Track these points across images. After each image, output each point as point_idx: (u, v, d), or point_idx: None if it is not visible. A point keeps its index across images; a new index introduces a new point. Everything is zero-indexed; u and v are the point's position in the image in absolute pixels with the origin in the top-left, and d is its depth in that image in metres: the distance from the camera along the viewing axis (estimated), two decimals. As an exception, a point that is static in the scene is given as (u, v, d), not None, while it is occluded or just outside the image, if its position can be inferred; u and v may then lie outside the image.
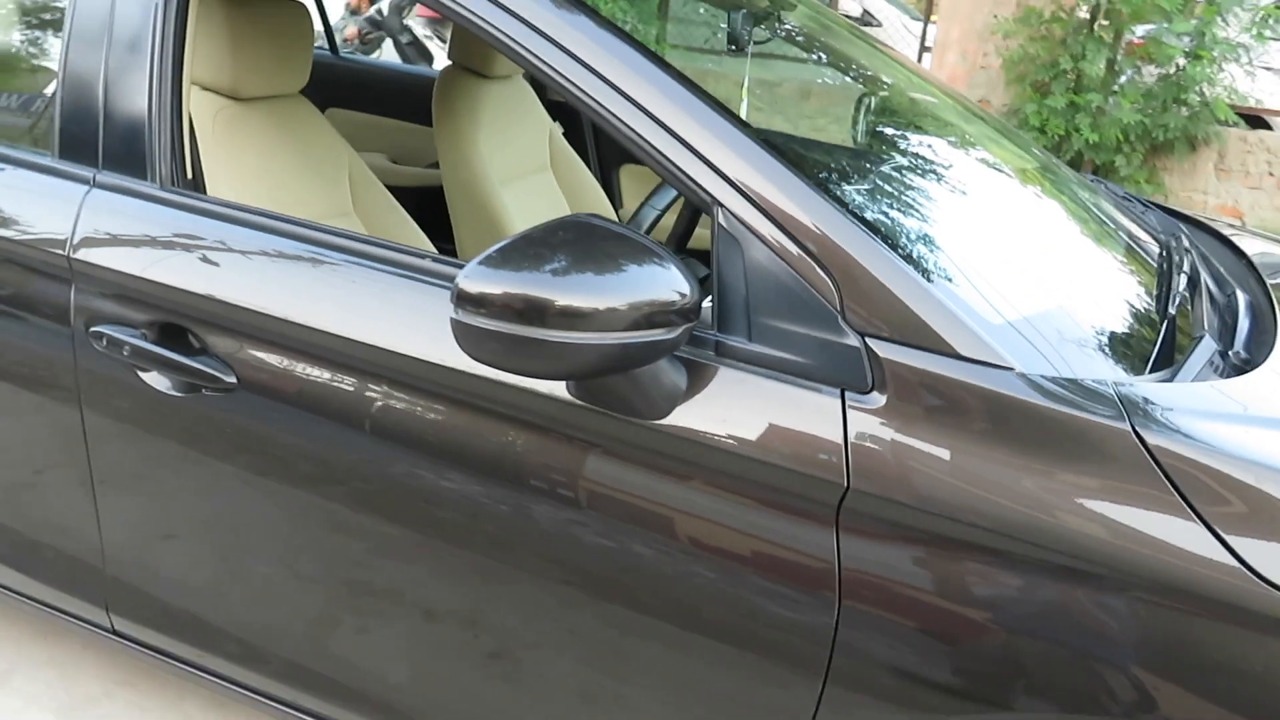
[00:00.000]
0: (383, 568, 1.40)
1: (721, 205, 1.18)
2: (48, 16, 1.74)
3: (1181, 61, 5.68)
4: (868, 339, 1.12)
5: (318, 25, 2.32)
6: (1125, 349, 1.31)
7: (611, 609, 1.27)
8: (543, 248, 1.08)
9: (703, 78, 1.42)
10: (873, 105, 1.91)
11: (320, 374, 1.35)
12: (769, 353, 1.16)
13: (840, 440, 1.12)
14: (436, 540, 1.35)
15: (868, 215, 1.26)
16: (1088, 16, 5.87)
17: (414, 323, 1.29)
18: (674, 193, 1.64)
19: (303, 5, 1.94)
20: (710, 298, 1.19)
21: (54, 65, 1.65)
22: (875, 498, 1.10)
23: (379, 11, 6.56)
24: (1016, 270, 1.43)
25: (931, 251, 1.30)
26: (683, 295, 1.09)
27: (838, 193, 1.30)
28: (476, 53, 2.36)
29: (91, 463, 1.55)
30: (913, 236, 1.28)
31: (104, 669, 2.07)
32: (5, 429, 1.64)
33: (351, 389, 1.34)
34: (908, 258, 1.19)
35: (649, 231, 1.77)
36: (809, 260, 1.14)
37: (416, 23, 6.65)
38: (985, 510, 1.07)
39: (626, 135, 1.23)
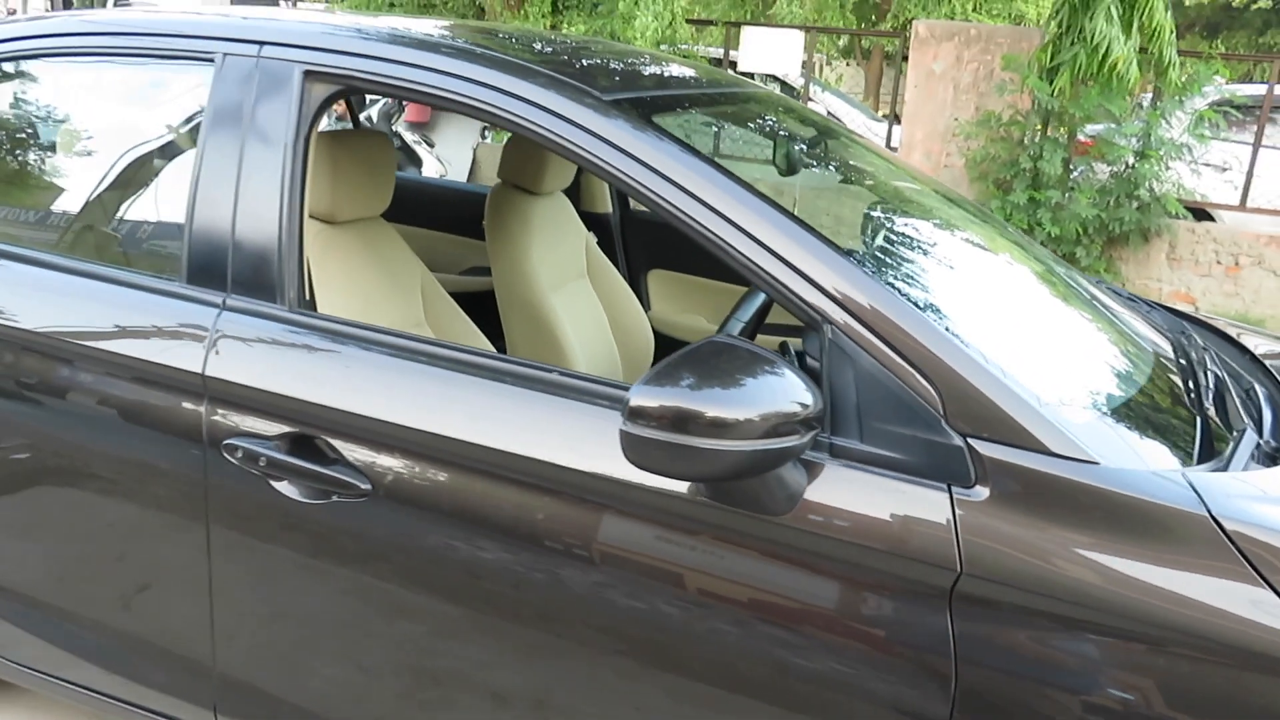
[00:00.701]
0: (514, 668, 1.50)
1: (831, 323, 1.34)
2: (169, 155, 1.88)
3: (1131, 160, 6.08)
4: (969, 439, 1.28)
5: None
6: (1176, 440, 1.48)
7: (738, 693, 1.38)
8: (691, 367, 1.24)
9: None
10: (936, 222, 2.09)
11: (453, 479, 1.47)
12: (879, 452, 1.31)
13: (950, 530, 1.26)
14: (569, 640, 1.46)
15: (958, 326, 1.42)
16: (1041, 120, 6.28)
17: (546, 430, 1.42)
18: (756, 306, 1.80)
19: (385, 136, 2.11)
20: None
21: (168, 198, 1.80)
22: (986, 582, 1.25)
23: (368, 119, 6.79)
24: (1082, 371, 1.61)
25: (1016, 355, 1.46)
26: (805, 406, 1.25)
27: (929, 305, 1.46)
28: (526, 172, 2.54)
29: (212, 568, 1.64)
30: (998, 342, 1.45)
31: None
32: (127, 537, 1.72)
33: (484, 493, 1.46)
34: (996, 362, 1.35)
35: None
36: (914, 371, 1.30)
37: (404, 128, 6.89)
38: (1085, 591, 1.21)
39: (736, 259, 1.39)
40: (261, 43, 1.70)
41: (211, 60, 1.72)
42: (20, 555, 1.85)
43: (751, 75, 9.01)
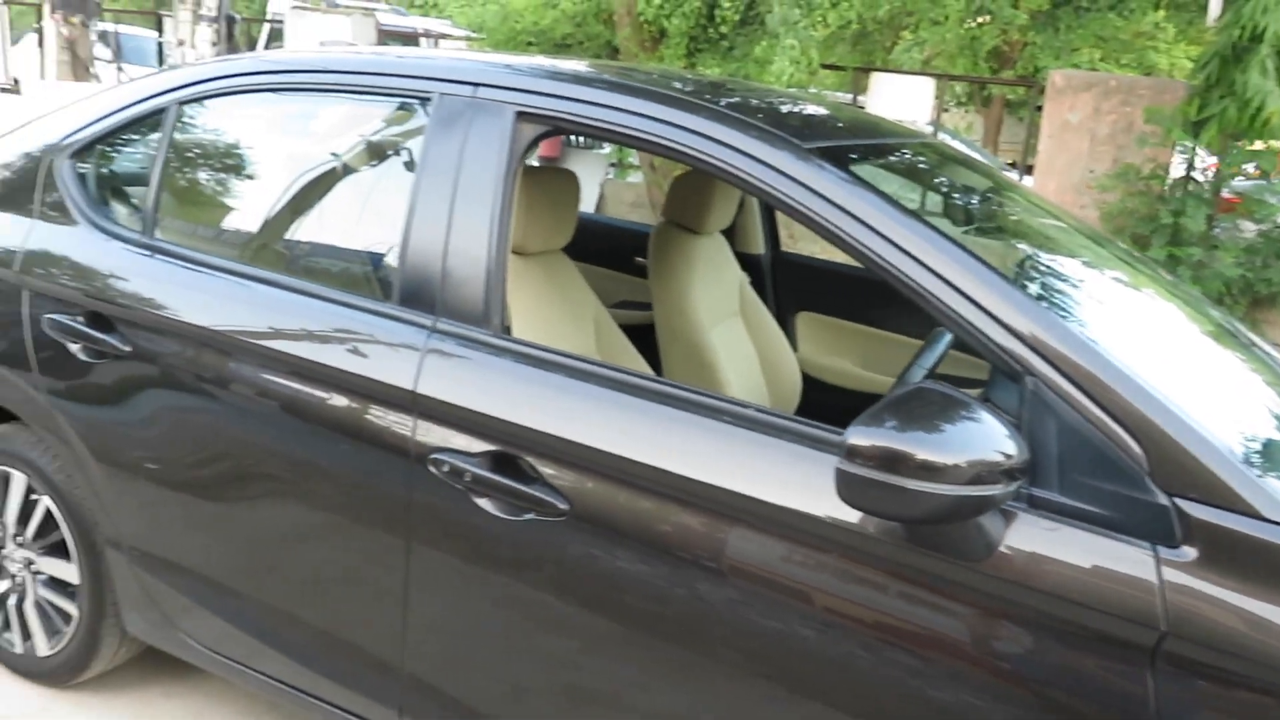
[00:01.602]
0: (701, 698, 1.55)
1: (1033, 374, 1.37)
2: (385, 185, 2.02)
3: (1281, 219, 5.88)
4: (1175, 498, 1.29)
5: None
6: None
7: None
8: (902, 411, 1.28)
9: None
10: (1118, 275, 2.10)
11: (650, 506, 1.54)
12: (1080, 506, 1.33)
13: (1156, 589, 1.27)
14: (760, 676, 1.50)
15: (1157, 382, 1.43)
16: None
17: (747, 465, 1.48)
18: (938, 353, 1.84)
19: (572, 173, 2.22)
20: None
21: (383, 225, 1.94)
22: (1192, 644, 1.25)
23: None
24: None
25: (1214, 414, 1.46)
26: (1008, 456, 1.28)
27: (1123, 359, 1.48)
28: (690, 212, 2.62)
29: (409, 574, 1.74)
30: (1196, 399, 1.45)
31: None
32: (329, 538, 1.84)
33: (680, 522, 1.52)
34: (1199, 420, 1.35)
35: None
36: (1118, 427, 1.32)
37: (534, 162, 7.11)
38: None
39: (937, 307, 1.43)
40: (476, 84, 1.82)
41: (429, 99, 1.85)
42: (225, 548, 1.99)
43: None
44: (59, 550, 2.25)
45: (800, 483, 1.44)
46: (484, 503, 1.64)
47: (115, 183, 2.31)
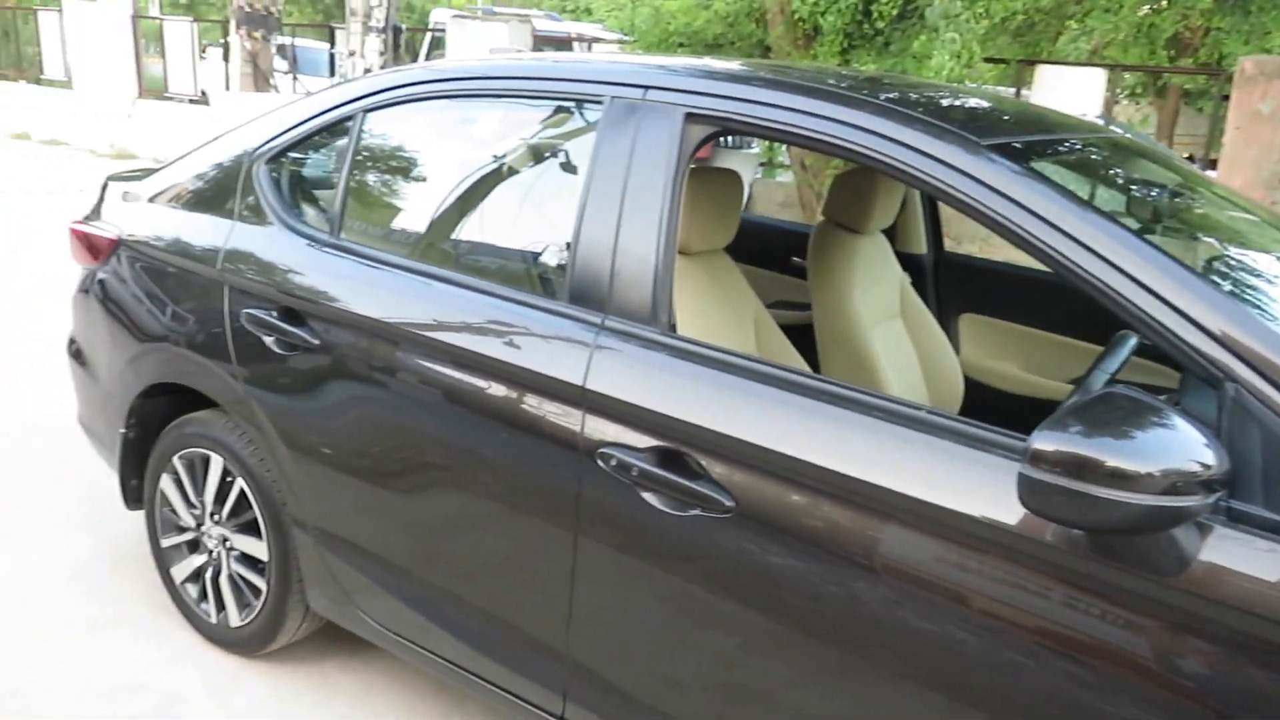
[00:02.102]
0: (865, 698, 1.54)
1: (1234, 380, 1.29)
2: (555, 186, 2.09)
3: None
4: (1401, 516, 1.19)
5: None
6: None
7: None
8: (1090, 416, 1.23)
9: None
10: None
11: (820, 507, 1.53)
12: (1286, 521, 1.25)
13: (1374, 611, 1.18)
14: (921, 682, 1.48)
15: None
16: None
17: (922, 469, 1.45)
18: (1123, 356, 1.76)
19: (736, 173, 2.23)
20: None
21: (551, 224, 1.99)
22: None
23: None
24: None
25: None
26: (1206, 466, 1.21)
27: None
28: (852, 212, 2.59)
29: (576, 563, 1.79)
30: None
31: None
32: (499, 525, 1.91)
33: (846, 522, 1.51)
34: None
35: None
36: None
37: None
38: None
39: (1129, 310, 1.37)
40: (646, 86, 1.86)
41: (600, 103, 1.90)
42: (400, 531, 2.10)
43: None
44: (251, 529, 2.42)
45: (971, 486, 1.40)
46: (650, 497, 1.67)
47: (305, 186, 2.46)
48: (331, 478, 2.18)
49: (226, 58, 12.71)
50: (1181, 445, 1.21)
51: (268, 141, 2.42)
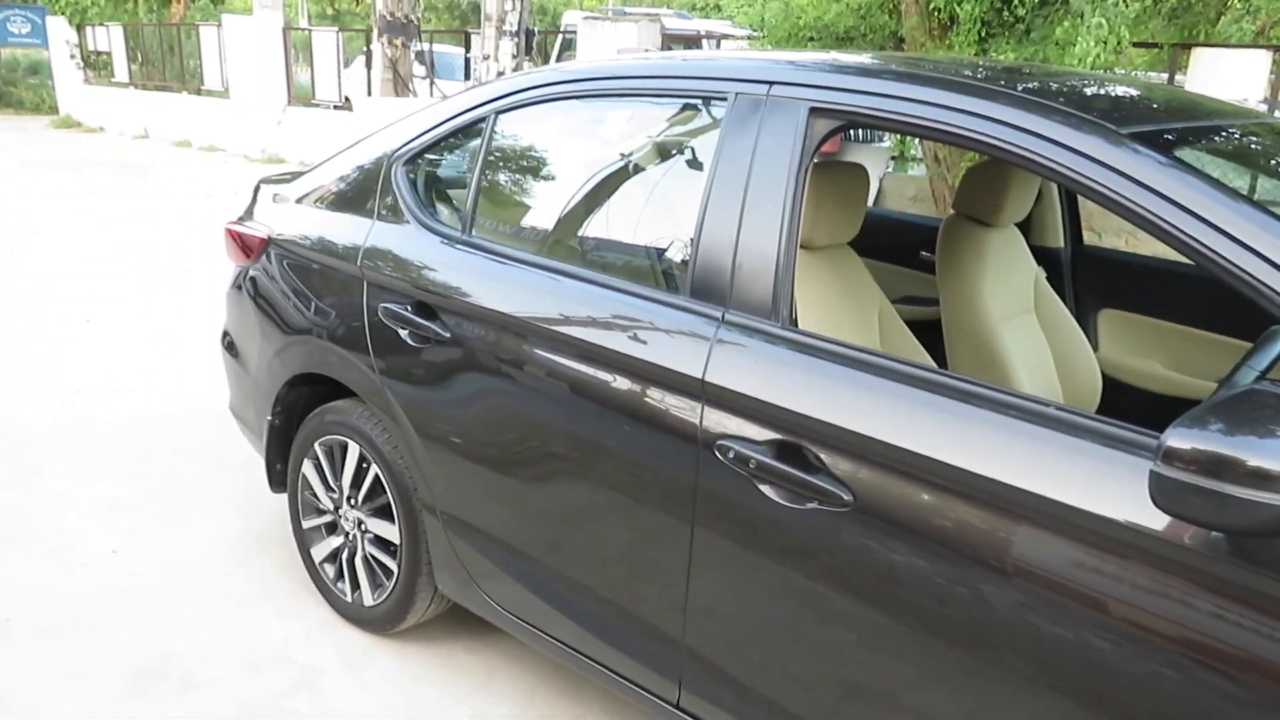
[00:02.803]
0: (988, 700, 1.50)
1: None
2: (683, 182, 2.11)
3: None
4: None
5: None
6: None
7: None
8: (1232, 413, 1.17)
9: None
10: None
11: (939, 503, 1.50)
12: None
13: None
14: (1048, 686, 1.43)
15: None
16: None
17: (1050, 467, 1.40)
18: (1275, 353, 1.66)
19: (862, 167, 2.20)
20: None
21: (675, 219, 2.01)
22: None
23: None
24: None
25: None
26: None
27: None
28: (983, 205, 2.52)
29: (693, 553, 1.81)
30: None
31: (610, 715, 2.33)
32: (619, 514, 1.95)
33: (968, 520, 1.48)
34: None
35: None
36: None
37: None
38: None
39: (1277, 303, 1.30)
40: (771, 82, 1.85)
41: (725, 99, 1.90)
42: (523, 518, 2.16)
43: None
44: (384, 513, 2.53)
45: (1103, 485, 1.35)
46: (768, 490, 1.67)
47: (440, 186, 2.55)
48: (459, 465, 2.26)
49: (369, 65, 13.25)
50: None
51: (405, 144, 2.53)
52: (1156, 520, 1.29)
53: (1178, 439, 1.16)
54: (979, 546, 1.47)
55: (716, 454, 1.74)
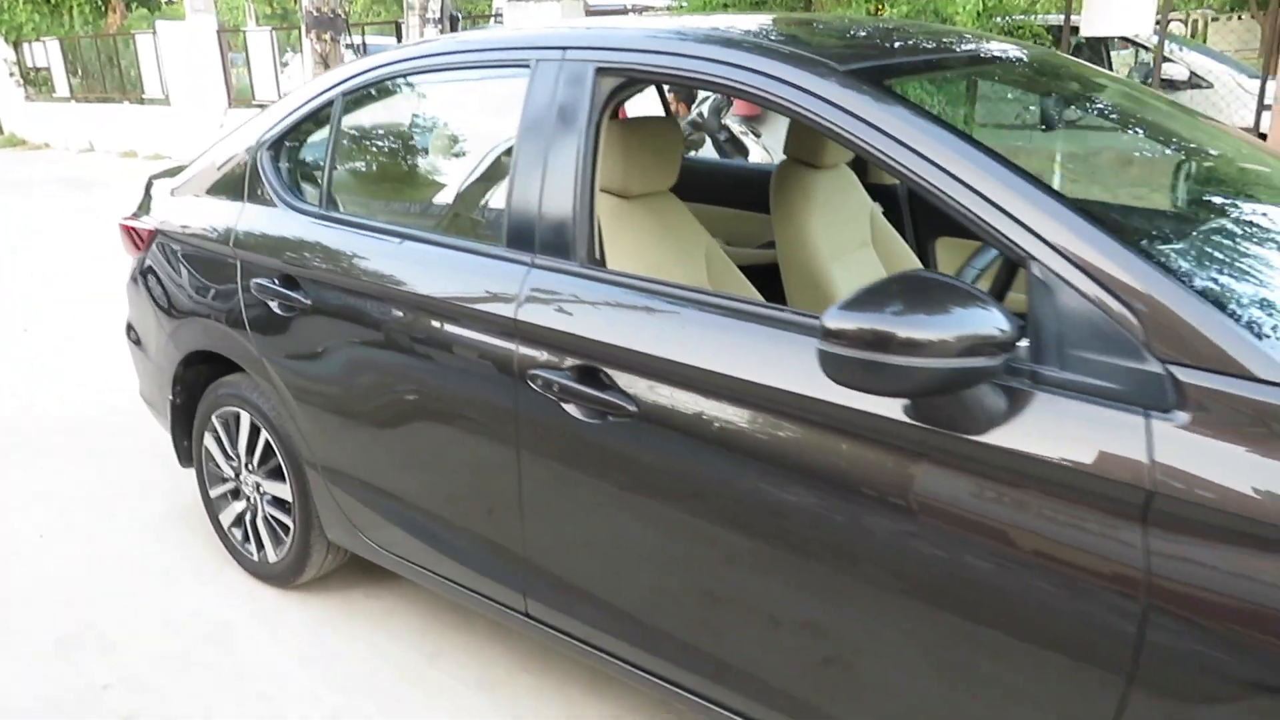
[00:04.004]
0: (741, 565, 1.73)
1: (1035, 259, 1.43)
2: (497, 147, 2.31)
3: None
4: (1169, 365, 1.32)
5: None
6: None
7: (934, 605, 1.51)
8: (885, 295, 1.39)
9: (1015, 154, 1.68)
10: (1187, 170, 2.06)
11: (703, 403, 1.72)
12: (1079, 379, 1.38)
13: (1146, 452, 1.31)
14: (783, 547, 1.67)
15: (1169, 260, 1.44)
16: None
17: (773, 359, 1.63)
18: (993, 254, 1.88)
19: (674, 120, 2.41)
20: (1026, 334, 1.44)
21: (495, 181, 2.22)
22: (1180, 501, 1.29)
23: (700, 115, 7.24)
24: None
25: (1225, 288, 1.45)
26: (1002, 331, 1.35)
27: (1138, 241, 1.50)
28: (809, 147, 2.73)
29: (521, 473, 2.03)
30: (1208, 275, 1.45)
31: (510, 655, 2.56)
32: (460, 447, 2.16)
33: (725, 415, 1.70)
34: (1204, 294, 1.37)
35: None
36: (1116, 301, 1.36)
37: (732, 121, 7.25)
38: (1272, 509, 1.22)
39: (951, 206, 1.52)
40: (565, 48, 2.06)
41: (528, 66, 2.11)
42: (387, 463, 2.37)
43: (1104, 40, 8.41)
44: (277, 474, 2.74)
45: (799, 366, 1.58)
46: (571, 409, 1.89)
47: (301, 167, 2.74)
48: (330, 422, 2.47)
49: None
50: (971, 315, 1.35)
51: (268, 130, 2.71)
52: (851, 396, 1.51)
53: (833, 320, 1.37)
54: (740, 437, 1.69)
55: (530, 384, 1.95)
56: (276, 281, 2.50)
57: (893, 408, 1.50)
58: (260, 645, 2.66)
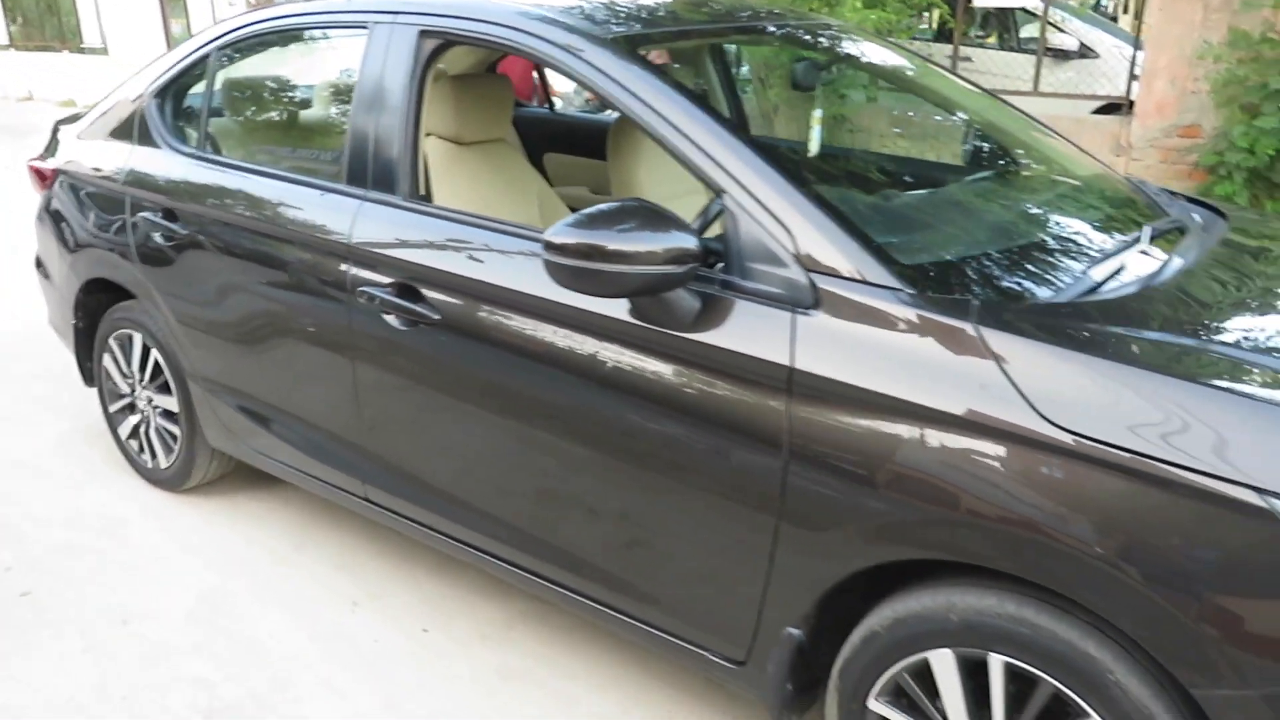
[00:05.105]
0: (522, 444, 2.13)
1: (725, 191, 1.82)
2: (344, 99, 2.65)
3: None
4: (811, 274, 1.72)
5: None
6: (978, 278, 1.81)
7: (646, 466, 1.91)
8: (603, 217, 1.76)
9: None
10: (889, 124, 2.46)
11: (485, 310, 2.10)
12: (754, 286, 1.78)
13: (789, 339, 1.71)
14: (526, 416, 2.09)
15: (822, 192, 1.83)
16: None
17: (530, 272, 2.01)
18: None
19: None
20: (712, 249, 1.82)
21: (340, 128, 2.56)
22: (812, 375, 1.69)
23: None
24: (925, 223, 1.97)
25: (859, 214, 1.86)
26: (690, 247, 1.73)
27: (798, 175, 1.88)
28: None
29: (356, 375, 2.40)
30: (850, 205, 1.84)
31: (369, 544, 2.94)
32: (309, 356, 2.52)
33: (503, 320, 2.08)
34: (843, 219, 1.76)
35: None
36: (778, 223, 1.76)
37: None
38: (883, 387, 1.62)
39: (670, 147, 1.89)
40: (395, 12, 2.40)
41: (366, 28, 2.44)
42: (254, 373, 2.72)
43: (1010, 11, 8.82)
44: (166, 389, 3.08)
45: (536, 274, 1.97)
46: (390, 318, 2.26)
47: (185, 112, 3.05)
48: (205, 339, 2.81)
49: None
50: (668, 235, 1.73)
51: (156, 80, 3.02)
52: (585, 300, 1.89)
53: (555, 235, 1.75)
54: (515, 337, 2.07)
55: (359, 299, 2.31)
56: (159, 215, 2.83)
57: (620, 309, 1.89)
58: (150, 535, 3.02)
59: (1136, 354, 1.55)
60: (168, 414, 3.13)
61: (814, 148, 2.50)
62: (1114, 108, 7.14)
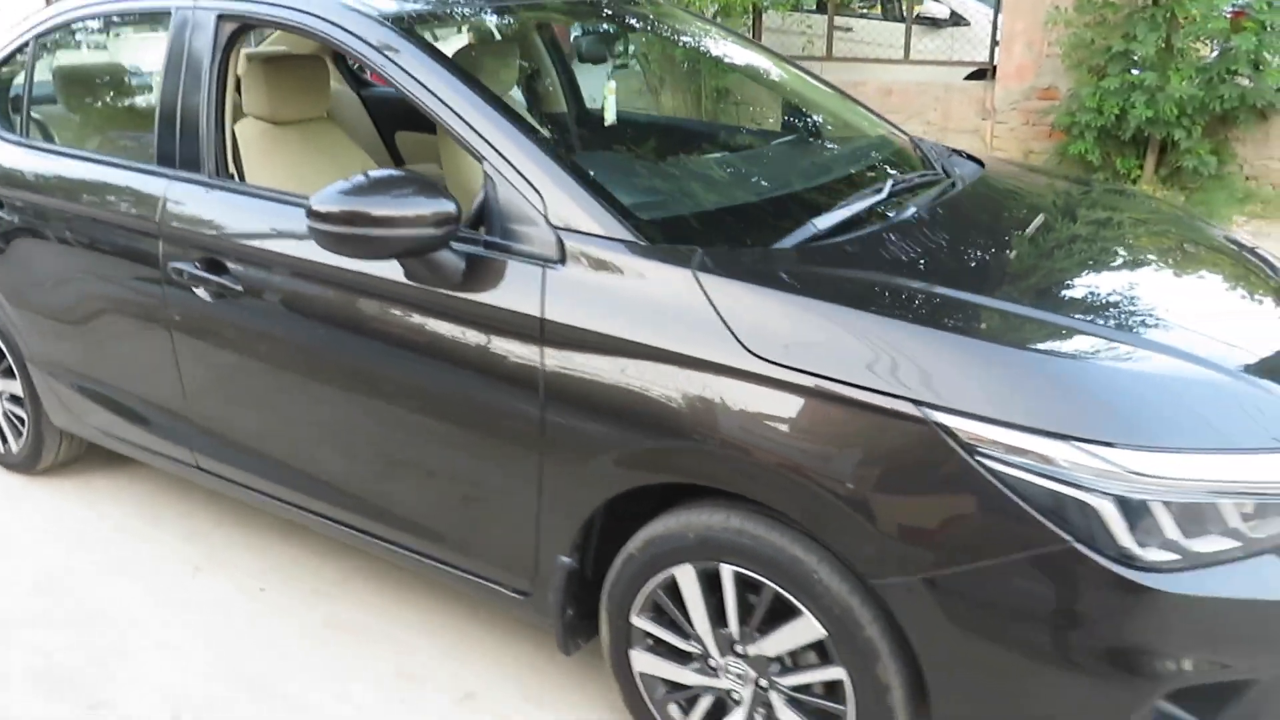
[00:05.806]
0: (303, 396, 2.29)
1: (485, 159, 1.97)
2: (152, 82, 2.74)
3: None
4: (559, 231, 1.88)
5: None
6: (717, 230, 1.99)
7: (426, 410, 2.07)
8: (368, 185, 1.89)
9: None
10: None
11: (279, 279, 2.23)
12: (511, 245, 1.93)
13: (540, 292, 1.87)
14: (325, 377, 2.24)
15: (583, 158, 2.00)
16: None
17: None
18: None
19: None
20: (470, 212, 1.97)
21: (150, 111, 2.65)
22: (560, 324, 1.85)
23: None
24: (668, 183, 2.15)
25: (604, 176, 2.03)
26: (449, 212, 1.87)
27: (552, 144, 2.04)
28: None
29: (175, 348, 2.51)
30: (597, 168, 2.01)
31: (217, 515, 3.06)
32: (133, 331, 2.61)
33: (293, 287, 2.21)
34: (588, 181, 1.92)
35: None
36: (530, 187, 1.91)
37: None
38: (617, 331, 1.79)
39: (436, 118, 2.03)
40: (196, -2, 2.50)
41: (170, 14, 2.53)
42: (86, 352, 2.81)
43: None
44: (10, 374, 3.14)
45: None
46: (200, 291, 2.37)
47: (9, 99, 3.10)
48: (40, 322, 2.89)
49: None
50: (427, 200, 1.87)
51: (-18, 69, 3.07)
52: (365, 265, 2.03)
53: (318, 203, 1.88)
54: (305, 301, 2.20)
55: (171, 275, 2.42)
56: (-13, 202, 2.89)
57: (395, 272, 2.02)
58: (3, 514, 3.09)
59: (832, 291, 1.74)
60: (14, 398, 3.19)
61: (610, 117, 2.66)
62: (983, 73, 7.43)
